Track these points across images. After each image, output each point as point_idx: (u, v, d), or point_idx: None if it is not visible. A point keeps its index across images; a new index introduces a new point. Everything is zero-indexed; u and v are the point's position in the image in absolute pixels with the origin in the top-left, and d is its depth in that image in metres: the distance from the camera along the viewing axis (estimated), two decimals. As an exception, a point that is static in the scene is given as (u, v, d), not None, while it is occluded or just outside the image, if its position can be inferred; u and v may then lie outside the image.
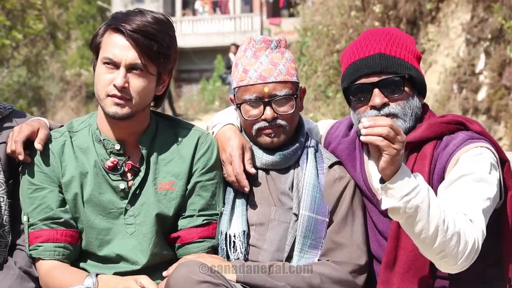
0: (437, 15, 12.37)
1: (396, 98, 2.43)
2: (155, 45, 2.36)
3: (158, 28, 2.38)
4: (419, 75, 2.47)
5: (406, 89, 2.44)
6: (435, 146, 2.41)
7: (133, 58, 2.36)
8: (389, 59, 2.42)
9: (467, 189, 2.27)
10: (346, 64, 2.51)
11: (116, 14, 2.44)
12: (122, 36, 2.36)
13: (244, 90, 2.54)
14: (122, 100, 2.38)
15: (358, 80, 2.45)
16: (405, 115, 2.43)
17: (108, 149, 2.49)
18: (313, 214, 2.50)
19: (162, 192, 2.49)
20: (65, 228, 2.46)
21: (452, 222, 2.16)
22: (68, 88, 25.95)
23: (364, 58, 2.45)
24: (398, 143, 2.08)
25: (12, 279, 2.44)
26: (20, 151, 2.44)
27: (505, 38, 10.30)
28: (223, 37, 28.28)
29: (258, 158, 2.59)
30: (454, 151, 2.35)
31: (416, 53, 2.50)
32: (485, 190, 2.28)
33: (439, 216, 2.14)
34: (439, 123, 2.44)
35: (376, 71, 2.42)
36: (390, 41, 2.46)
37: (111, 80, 2.37)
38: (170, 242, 2.53)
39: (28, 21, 18.89)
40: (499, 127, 10.23)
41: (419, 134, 2.43)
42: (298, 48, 15.38)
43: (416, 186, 2.13)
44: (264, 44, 2.56)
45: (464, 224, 2.19)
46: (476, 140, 2.37)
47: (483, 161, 2.32)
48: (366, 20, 13.01)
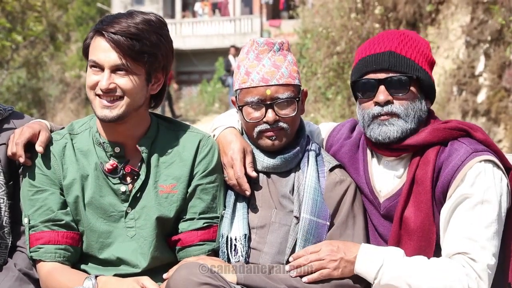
0: (437, 17, 12.38)
1: (401, 98, 2.44)
2: (137, 44, 2.36)
3: (143, 28, 2.38)
4: (427, 79, 2.47)
5: (412, 90, 2.44)
6: (438, 152, 2.42)
7: (115, 59, 2.37)
8: (399, 58, 2.44)
9: (472, 216, 2.32)
10: (357, 59, 2.53)
11: (104, 18, 2.45)
12: (104, 39, 2.38)
13: (246, 92, 2.54)
14: (111, 102, 2.39)
15: (366, 75, 2.47)
16: (407, 116, 2.43)
17: (108, 152, 2.49)
18: (314, 218, 2.50)
19: (163, 195, 2.49)
20: (66, 230, 2.46)
21: (439, 279, 2.28)
22: (67, 90, 25.94)
23: (375, 54, 2.46)
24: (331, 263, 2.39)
25: (12, 281, 2.44)
26: (21, 153, 2.44)
27: (504, 40, 10.31)
28: (223, 39, 28.29)
29: (259, 161, 2.59)
30: (460, 167, 2.36)
31: (430, 58, 2.50)
32: (491, 213, 2.32)
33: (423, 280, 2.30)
34: (443, 128, 2.45)
35: (384, 68, 2.44)
36: (403, 41, 2.47)
37: (97, 82, 2.40)
38: (170, 245, 2.53)
39: (28, 23, 18.90)
40: (498, 129, 10.23)
41: (422, 138, 2.44)
42: (298, 50, 15.37)
43: (379, 269, 2.35)
44: (267, 47, 2.56)
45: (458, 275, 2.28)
46: (481, 153, 2.38)
47: (488, 179, 2.34)
48: (366, 22, 13.01)
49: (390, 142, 2.44)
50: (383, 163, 2.54)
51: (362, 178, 2.57)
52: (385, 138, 2.43)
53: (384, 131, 2.43)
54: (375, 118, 2.45)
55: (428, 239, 2.39)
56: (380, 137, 2.44)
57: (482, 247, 2.28)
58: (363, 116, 2.48)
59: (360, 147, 2.61)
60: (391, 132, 2.43)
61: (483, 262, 2.27)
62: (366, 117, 2.47)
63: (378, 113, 2.44)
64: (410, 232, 2.40)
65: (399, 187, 2.49)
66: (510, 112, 10.13)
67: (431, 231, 2.39)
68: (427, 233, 2.39)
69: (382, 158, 2.54)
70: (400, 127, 2.42)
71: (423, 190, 2.40)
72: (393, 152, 2.49)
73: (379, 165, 2.55)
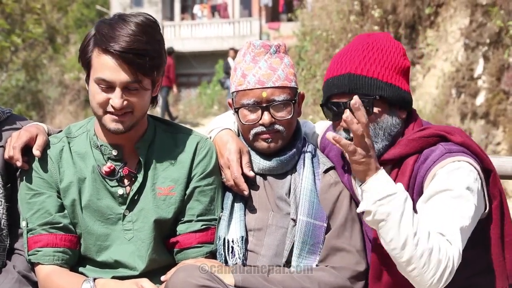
0: (436, 20, 12.40)
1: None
2: (148, 60, 2.32)
3: (146, 39, 2.32)
4: (395, 92, 2.41)
5: (376, 110, 2.39)
6: (415, 161, 2.38)
7: (126, 78, 2.33)
8: (358, 80, 2.38)
9: (445, 207, 2.26)
10: (324, 79, 2.50)
11: (101, 29, 2.35)
12: (111, 57, 2.31)
13: (243, 95, 2.54)
14: (121, 117, 2.37)
15: (331, 99, 2.44)
16: (375, 137, 2.39)
17: (105, 155, 2.49)
18: (311, 220, 2.50)
19: (161, 197, 2.49)
20: (64, 233, 2.45)
21: (424, 238, 2.17)
22: (66, 92, 25.90)
23: (335, 77, 2.42)
24: (358, 155, 2.21)
25: (11, 283, 2.44)
26: (18, 157, 2.44)
27: (503, 43, 10.32)
28: (222, 41, 28.29)
29: (255, 163, 2.59)
30: (431, 166, 2.33)
31: (400, 65, 2.43)
32: (463, 208, 2.26)
33: (410, 229, 2.17)
34: (418, 138, 2.40)
35: (345, 92, 2.39)
36: (365, 58, 2.41)
37: (107, 99, 2.35)
38: (168, 247, 2.53)
39: (27, 25, 18.91)
40: (497, 132, 10.25)
41: (398, 152, 2.41)
42: (297, 52, 15.39)
43: (391, 194, 2.18)
44: (263, 49, 2.56)
45: (439, 243, 2.19)
46: (455, 154, 2.33)
47: (460, 176, 2.29)
48: (365, 24, 13.03)
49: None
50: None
51: (346, 184, 2.56)
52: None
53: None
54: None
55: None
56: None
57: (454, 234, 2.22)
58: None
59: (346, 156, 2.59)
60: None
61: (456, 247, 2.21)
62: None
63: (346, 137, 2.34)
64: None
65: None
66: (509, 114, 10.14)
67: None
68: None
69: None
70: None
71: None
72: None
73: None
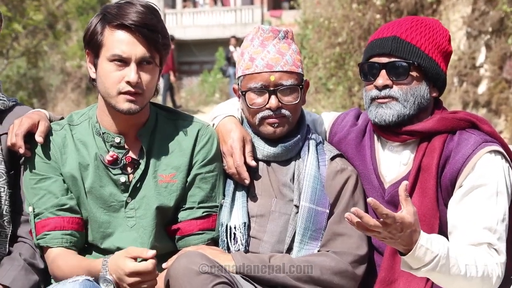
0: (438, 8, 12.34)
1: (401, 83, 2.45)
2: (160, 36, 2.37)
3: (155, 18, 2.39)
4: (433, 66, 2.47)
5: (413, 75, 2.45)
6: (445, 140, 2.43)
7: (142, 52, 2.36)
8: (401, 44, 2.45)
9: (489, 207, 2.32)
10: (368, 42, 2.57)
11: (109, 10, 2.39)
12: (126, 31, 2.35)
13: (250, 78, 2.54)
14: (134, 96, 2.37)
15: (371, 59, 2.50)
16: (405, 101, 2.44)
17: (108, 143, 2.49)
18: (313, 205, 2.51)
19: (162, 184, 2.49)
20: (71, 214, 2.46)
21: (474, 272, 2.22)
22: (68, 79, 25.87)
23: (380, 39, 2.49)
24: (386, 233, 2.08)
25: (17, 270, 2.45)
26: (21, 144, 2.44)
27: (506, 32, 10.28)
28: (223, 29, 28.21)
29: (259, 150, 2.59)
30: (470, 155, 2.37)
31: (443, 47, 2.49)
32: (504, 205, 2.34)
33: (459, 273, 2.20)
34: (451, 118, 2.46)
35: (386, 52, 2.46)
36: (413, 27, 2.48)
37: (122, 77, 2.36)
38: (170, 234, 2.54)
39: (28, 12, 18.86)
40: (499, 121, 10.23)
41: (429, 126, 2.46)
42: (299, 40, 15.33)
43: (433, 258, 2.15)
44: (272, 34, 2.56)
45: (486, 265, 2.25)
46: (490, 143, 2.39)
47: (498, 168, 2.36)
48: (367, 12, 12.98)
49: (386, 125, 2.46)
50: (388, 148, 2.55)
51: (369, 164, 2.57)
52: (381, 120, 2.46)
53: (380, 113, 2.46)
54: (373, 101, 2.48)
55: (431, 226, 2.39)
56: (377, 119, 2.47)
57: (501, 239, 2.30)
58: (365, 99, 2.52)
59: (367, 134, 2.62)
60: (386, 115, 2.44)
61: (504, 254, 2.30)
62: (367, 99, 2.50)
63: (375, 96, 2.46)
64: None
65: (404, 173, 2.50)
66: (511, 103, 10.12)
67: (434, 218, 2.40)
68: (430, 220, 2.40)
69: (387, 144, 2.55)
70: (397, 111, 2.44)
71: (429, 177, 2.42)
72: (399, 137, 2.50)
73: (384, 151, 2.56)
